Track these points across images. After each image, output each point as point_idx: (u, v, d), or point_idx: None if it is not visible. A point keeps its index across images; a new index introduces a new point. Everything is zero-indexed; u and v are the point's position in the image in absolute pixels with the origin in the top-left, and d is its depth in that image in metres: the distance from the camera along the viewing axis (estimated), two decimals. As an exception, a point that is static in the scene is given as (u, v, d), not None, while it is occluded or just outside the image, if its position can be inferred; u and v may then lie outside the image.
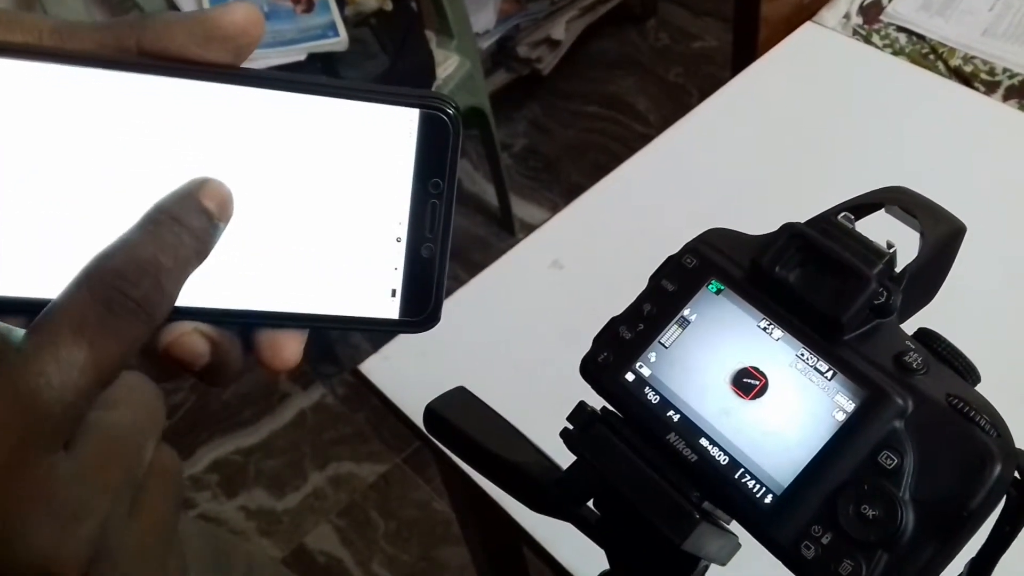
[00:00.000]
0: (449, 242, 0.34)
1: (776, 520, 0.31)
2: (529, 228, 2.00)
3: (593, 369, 0.36)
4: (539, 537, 0.73)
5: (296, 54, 1.51)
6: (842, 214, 0.35)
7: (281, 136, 0.32)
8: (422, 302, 0.34)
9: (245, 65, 0.32)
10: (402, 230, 0.33)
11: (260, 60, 1.50)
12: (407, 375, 0.84)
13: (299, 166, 0.32)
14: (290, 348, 0.33)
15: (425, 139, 0.33)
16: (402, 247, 0.33)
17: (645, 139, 1.03)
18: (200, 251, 0.30)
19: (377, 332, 0.35)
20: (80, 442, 0.26)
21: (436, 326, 0.34)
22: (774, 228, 0.35)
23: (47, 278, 0.29)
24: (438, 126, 0.33)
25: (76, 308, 0.27)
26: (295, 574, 1.57)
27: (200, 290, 0.31)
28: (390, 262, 0.33)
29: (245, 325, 0.33)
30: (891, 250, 0.33)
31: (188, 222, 0.29)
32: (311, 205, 0.32)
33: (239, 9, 0.30)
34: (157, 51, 0.30)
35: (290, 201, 0.32)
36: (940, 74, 1.07)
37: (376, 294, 0.33)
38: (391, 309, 0.34)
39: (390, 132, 0.33)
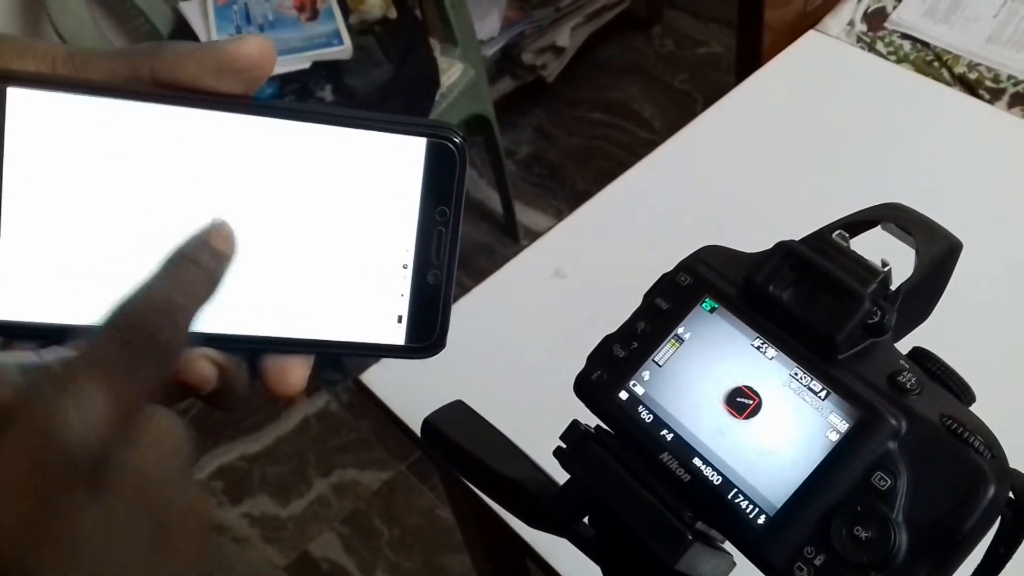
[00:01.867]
0: (455, 269, 0.34)
1: (769, 541, 0.31)
2: (533, 235, 2.00)
3: (587, 387, 0.36)
4: (540, 549, 0.72)
5: (300, 62, 1.52)
6: (837, 232, 0.35)
7: (290, 164, 0.32)
8: (428, 328, 0.34)
9: None
10: (409, 257, 0.34)
11: (265, 68, 1.51)
12: (409, 385, 0.84)
13: (307, 193, 0.32)
14: (296, 374, 0.33)
15: (432, 168, 0.33)
16: (408, 274, 0.34)
17: (650, 146, 1.03)
18: (211, 289, 0.30)
19: (383, 357, 0.35)
20: (104, 484, 0.26)
21: (443, 350, 0.35)
22: (779, 238, 0.35)
23: (57, 304, 0.30)
24: (444, 155, 0.33)
25: (96, 351, 0.27)
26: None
27: (209, 316, 0.31)
28: (397, 289, 0.34)
29: (253, 351, 0.33)
30: (886, 268, 0.33)
31: (202, 263, 0.30)
32: (319, 232, 0.33)
33: (252, 42, 0.31)
34: (170, 81, 0.31)
35: (298, 228, 0.32)
36: (944, 81, 1.07)
37: (383, 320, 0.34)
38: (397, 335, 0.34)
39: (397, 161, 0.33)
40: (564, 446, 0.36)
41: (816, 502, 0.31)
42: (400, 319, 0.34)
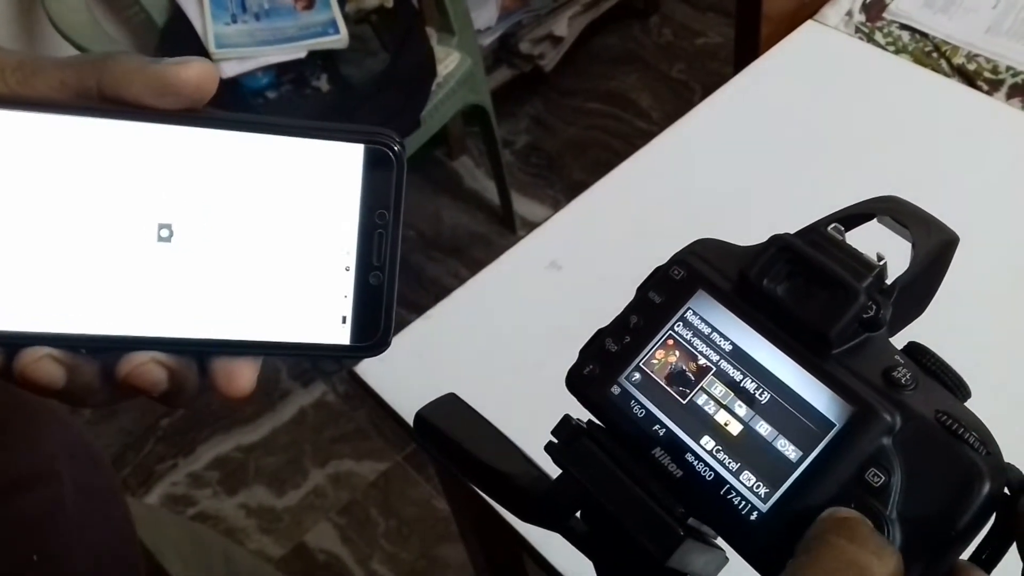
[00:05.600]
0: (397, 270, 0.35)
1: (762, 537, 0.31)
2: (530, 225, 1.99)
3: (579, 382, 0.36)
4: (534, 541, 0.72)
5: (296, 51, 1.51)
6: (832, 225, 0.34)
7: (232, 173, 0.33)
8: (372, 328, 0.35)
9: (246, 63, 0.33)
10: (351, 259, 0.35)
11: (261, 58, 1.50)
12: (403, 376, 0.84)
13: (250, 201, 0.33)
14: (244, 376, 0.34)
15: (370, 173, 0.34)
16: (351, 276, 0.35)
17: (647, 136, 1.03)
18: None
19: (329, 358, 0.36)
20: None
21: (387, 350, 0.35)
22: (776, 229, 0.35)
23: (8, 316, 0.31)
24: (382, 160, 0.34)
25: None
26: (293, 574, 1.57)
27: (158, 320, 0.33)
28: (340, 290, 0.35)
29: (201, 353, 0.34)
30: (881, 262, 0.33)
31: None
32: (263, 238, 0.34)
33: (194, 67, 0.32)
34: (115, 96, 0.32)
35: (242, 234, 0.33)
36: (943, 72, 1.06)
37: (327, 321, 0.35)
38: (342, 335, 0.35)
39: (337, 166, 0.34)
40: (555, 441, 0.35)
41: (809, 498, 0.30)
42: (344, 320, 0.35)
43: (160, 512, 0.77)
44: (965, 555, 0.31)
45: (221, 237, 0.33)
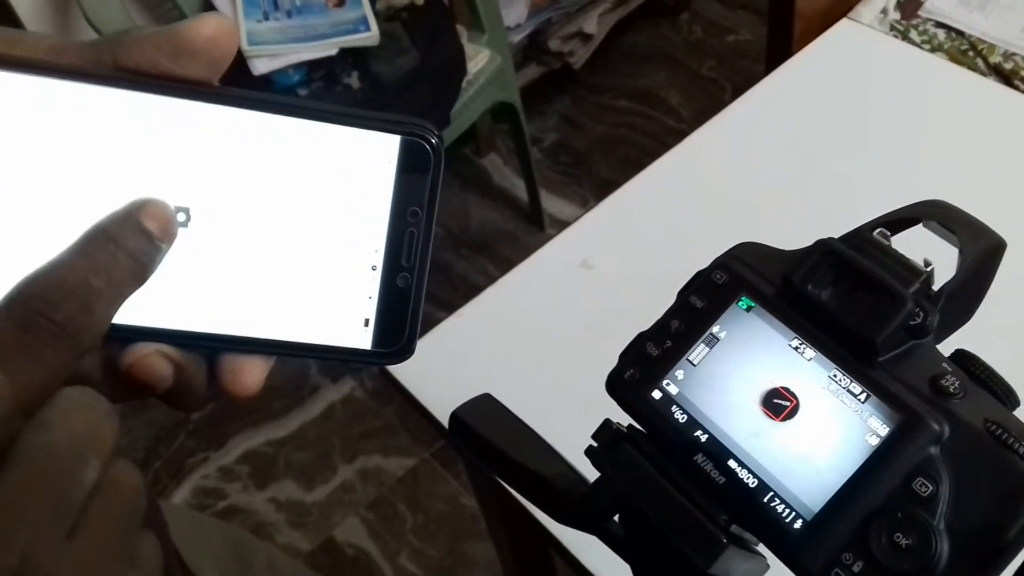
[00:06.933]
0: (427, 272, 0.33)
1: (806, 546, 0.31)
2: (559, 223, 1.99)
3: (619, 386, 0.36)
4: (566, 541, 0.72)
5: (327, 49, 1.52)
6: (877, 230, 0.34)
7: (258, 158, 0.31)
8: (396, 333, 0.33)
9: (278, 60, 0.31)
10: (378, 258, 0.32)
11: (292, 55, 1.51)
12: (433, 374, 0.84)
13: (274, 188, 0.31)
14: (252, 374, 0.32)
15: (405, 166, 0.32)
16: (378, 276, 0.33)
17: (677, 134, 1.02)
18: (138, 273, 0.29)
19: (347, 363, 0.34)
20: (6, 469, 0.25)
21: (410, 357, 0.33)
22: (809, 232, 0.34)
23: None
24: (419, 154, 0.32)
25: None
26: (321, 568, 1.58)
27: (165, 311, 0.31)
28: (364, 291, 0.32)
29: (211, 349, 0.32)
30: (928, 268, 0.32)
31: (125, 243, 0.29)
32: (285, 228, 0.31)
33: (209, 22, 0.29)
34: (131, 66, 0.30)
35: (263, 223, 0.31)
36: (979, 71, 1.05)
37: (348, 323, 0.33)
38: (363, 339, 0.33)
39: (370, 158, 0.32)
40: (595, 445, 0.35)
41: (855, 507, 0.30)
42: (367, 323, 0.33)
43: (202, 519, 0.75)
44: (1012, 567, 0.30)
45: (240, 225, 0.31)
